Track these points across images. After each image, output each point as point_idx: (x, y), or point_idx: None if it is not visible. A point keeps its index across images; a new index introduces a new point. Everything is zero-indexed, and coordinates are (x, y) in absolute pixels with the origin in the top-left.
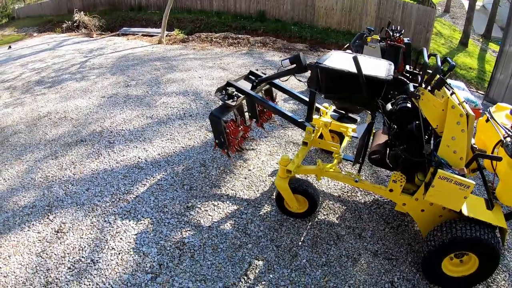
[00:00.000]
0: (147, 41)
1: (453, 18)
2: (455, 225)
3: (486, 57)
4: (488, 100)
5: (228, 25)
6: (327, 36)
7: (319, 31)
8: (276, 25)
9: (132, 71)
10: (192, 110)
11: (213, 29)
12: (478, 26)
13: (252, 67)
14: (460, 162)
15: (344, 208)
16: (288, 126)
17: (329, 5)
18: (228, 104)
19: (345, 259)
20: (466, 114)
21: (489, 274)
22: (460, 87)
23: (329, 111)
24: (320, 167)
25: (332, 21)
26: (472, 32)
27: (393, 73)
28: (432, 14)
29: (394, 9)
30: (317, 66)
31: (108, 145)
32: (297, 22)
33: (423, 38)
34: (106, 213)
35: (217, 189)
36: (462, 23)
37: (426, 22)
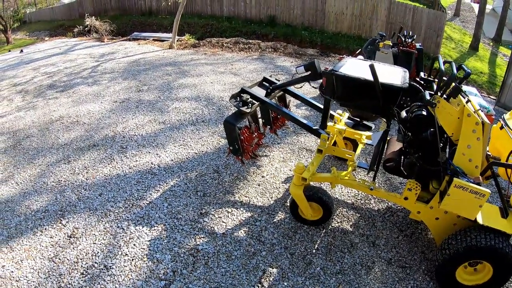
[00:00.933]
0: (158, 46)
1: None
2: (470, 233)
3: (496, 61)
4: (500, 105)
5: (239, 30)
6: (338, 41)
7: (329, 36)
8: (287, 30)
9: (144, 76)
10: (204, 116)
11: (223, 34)
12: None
13: (263, 72)
14: (475, 170)
15: (357, 216)
16: (301, 133)
17: (339, 10)
18: (243, 111)
19: (359, 267)
20: (482, 122)
21: (503, 283)
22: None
23: (344, 118)
24: (335, 174)
25: (343, 26)
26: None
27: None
28: (442, 19)
29: (404, 13)
30: (333, 74)
31: (121, 150)
32: (307, 27)
33: (434, 43)
34: (119, 219)
35: (231, 196)
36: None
37: (436, 27)
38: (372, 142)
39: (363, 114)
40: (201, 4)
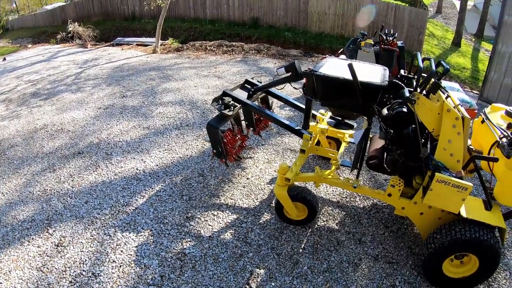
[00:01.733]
0: (141, 50)
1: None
2: (455, 227)
3: (479, 56)
4: (482, 99)
5: (222, 32)
6: (321, 41)
7: (312, 36)
8: (270, 32)
9: (128, 82)
10: (188, 120)
11: (207, 37)
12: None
13: (247, 75)
14: (457, 164)
15: (343, 214)
16: (285, 133)
17: (322, 10)
18: (225, 114)
19: (346, 265)
20: (461, 117)
21: (489, 274)
22: (455, 88)
23: (326, 117)
24: (318, 174)
25: (325, 26)
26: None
27: (388, 77)
28: (424, 16)
29: (386, 12)
30: (313, 74)
31: (106, 157)
32: (290, 28)
33: (416, 41)
34: (105, 226)
35: (216, 199)
36: (454, 23)
37: (418, 24)
38: (354, 140)
39: (344, 113)
40: (184, 8)
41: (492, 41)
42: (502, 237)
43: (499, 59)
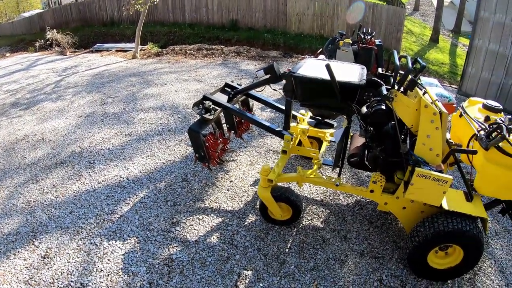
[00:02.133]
0: (121, 56)
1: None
2: (437, 219)
3: (457, 52)
4: (461, 94)
5: (202, 36)
6: (300, 42)
7: (292, 37)
8: (249, 34)
9: (108, 88)
10: (170, 125)
11: (186, 41)
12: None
13: (227, 77)
14: (436, 158)
15: (327, 212)
16: (266, 135)
17: (301, 11)
18: (206, 118)
19: (332, 262)
20: (439, 112)
21: (474, 264)
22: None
23: (306, 118)
24: (300, 174)
25: (304, 26)
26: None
27: (367, 75)
28: (402, 14)
29: (364, 11)
30: (291, 75)
31: (89, 166)
32: (269, 29)
33: (395, 38)
34: (91, 235)
35: (201, 203)
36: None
37: (396, 22)
38: (334, 139)
39: (324, 113)
40: (163, 12)
41: (469, 36)
42: (485, 227)
43: (476, 53)
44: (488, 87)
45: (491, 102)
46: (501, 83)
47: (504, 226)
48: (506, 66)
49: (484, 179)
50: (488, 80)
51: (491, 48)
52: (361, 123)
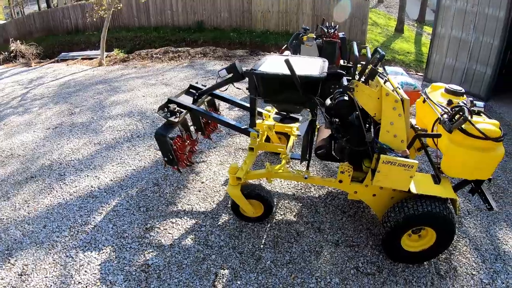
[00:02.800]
0: (87, 64)
1: (387, 7)
2: (407, 204)
3: (422, 40)
4: (427, 81)
5: (168, 39)
6: (266, 39)
7: (258, 35)
8: (215, 34)
9: (75, 98)
10: (139, 131)
11: (153, 45)
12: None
13: (194, 79)
14: (401, 144)
15: (300, 205)
16: (235, 134)
17: (265, 9)
18: (172, 121)
19: (308, 254)
20: (401, 99)
21: (448, 244)
22: (399, 72)
23: (272, 114)
24: (269, 169)
25: (270, 24)
26: (407, 18)
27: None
28: (366, 7)
29: (328, 6)
30: (253, 73)
31: (59, 178)
32: (235, 28)
33: (360, 30)
34: (66, 248)
35: (174, 206)
36: (396, 11)
37: (361, 15)
38: (299, 132)
39: (288, 108)
40: (128, 17)
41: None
42: (455, 207)
43: (439, 41)
44: (453, 72)
45: (453, 86)
46: (465, 68)
47: (476, 205)
48: (469, 51)
49: (450, 161)
50: (452, 66)
51: (454, 35)
52: (324, 116)
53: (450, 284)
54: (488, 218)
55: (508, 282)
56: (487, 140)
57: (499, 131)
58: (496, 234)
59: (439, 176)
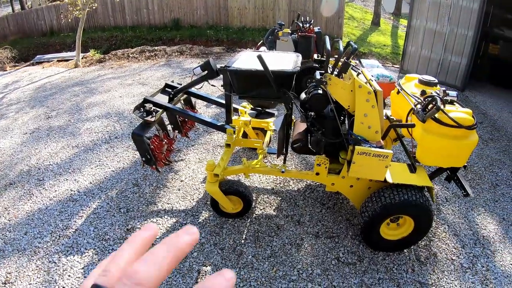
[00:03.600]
0: (63, 66)
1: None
2: (384, 193)
3: (398, 33)
4: (403, 72)
5: (144, 38)
6: (243, 36)
7: (234, 32)
8: (192, 32)
9: (52, 101)
10: (117, 132)
11: (129, 44)
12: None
13: (171, 78)
14: (376, 135)
15: (279, 199)
16: (212, 131)
17: (242, 5)
18: (148, 121)
19: (289, 247)
20: (374, 90)
21: (426, 231)
22: (375, 65)
23: (247, 110)
24: (246, 165)
25: (247, 20)
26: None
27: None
28: (342, 1)
29: (305, 1)
30: (227, 70)
31: (39, 183)
32: (212, 25)
33: (336, 24)
34: (49, 254)
35: (154, 206)
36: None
37: (337, 9)
38: (275, 127)
39: (263, 103)
40: (103, 16)
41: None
42: (432, 195)
43: (415, 33)
44: (429, 64)
45: (426, 76)
46: (440, 59)
47: (454, 192)
48: (444, 43)
49: (424, 150)
50: (428, 58)
51: (429, 27)
52: (299, 110)
53: (431, 269)
54: (466, 204)
55: (488, 266)
56: (460, 128)
57: (472, 119)
58: (474, 219)
59: (415, 165)
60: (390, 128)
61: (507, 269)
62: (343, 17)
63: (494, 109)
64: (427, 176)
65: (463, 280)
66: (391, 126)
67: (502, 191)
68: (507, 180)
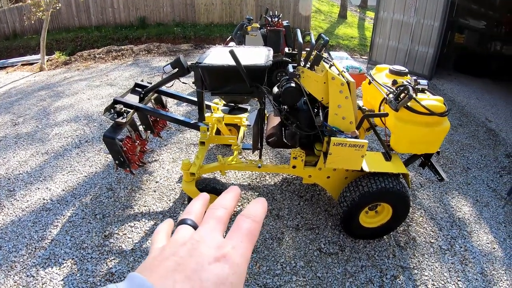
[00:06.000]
0: (28, 70)
1: None
2: (361, 182)
3: (365, 25)
4: (372, 63)
5: (110, 38)
6: (211, 32)
7: (202, 28)
8: (159, 30)
9: (18, 107)
10: (87, 136)
11: (95, 45)
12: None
13: (139, 77)
14: (350, 126)
15: (256, 194)
16: (185, 130)
17: (209, 1)
18: (119, 122)
19: (270, 241)
20: (346, 82)
21: (404, 217)
22: (344, 57)
23: (220, 106)
24: (221, 162)
25: (214, 16)
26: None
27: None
28: None
29: None
30: (198, 66)
31: (9, 194)
32: (179, 22)
33: (304, 18)
34: (26, 267)
35: (130, 210)
36: None
37: (304, 3)
38: (249, 122)
39: (235, 98)
40: (68, 17)
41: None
42: (407, 181)
43: (382, 24)
44: (396, 54)
45: (397, 66)
46: (408, 49)
47: (428, 177)
48: (411, 33)
49: (398, 138)
50: (395, 48)
51: (396, 18)
52: (273, 104)
53: (411, 253)
54: (440, 188)
55: (465, 246)
56: (433, 115)
57: (443, 106)
58: (449, 202)
59: (389, 153)
60: (364, 118)
61: (484, 248)
62: (310, 10)
63: (462, 96)
64: (402, 163)
65: (443, 261)
66: (364, 116)
67: (474, 174)
68: (478, 163)
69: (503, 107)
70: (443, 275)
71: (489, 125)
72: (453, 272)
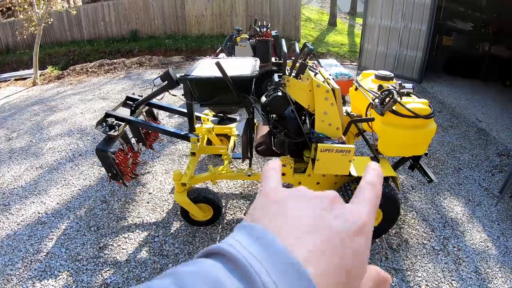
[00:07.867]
0: (21, 85)
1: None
2: (350, 187)
3: (355, 32)
4: (361, 69)
5: (102, 51)
6: (202, 43)
7: (193, 40)
8: (150, 42)
9: (11, 122)
10: (80, 149)
11: (87, 59)
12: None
13: (132, 91)
14: (337, 132)
15: (248, 203)
16: (177, 141)
17: (199, 13)
18: (111, 135)
19: None
20: (332, 89)
21: (395, 219)
22: (333, 64)
23: (210, 117)
24: (212, 172)
25: (205, 28)
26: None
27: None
28: (298, 3)
29: (261, 5)
30: (186, 79)
31: (4, 209)
32: (170, 35)
33: (294, 27)
34: (22, 280)
35: (124, 221)
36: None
37: (293, 12)
38: (238, 132)
39: (224, 109)
40: (60, 31)
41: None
42: (397, 184)
43: (370, 30)
44: (386, 59)
45: (382, 71)
46: (396, 54)
47: (419, 180)
48: (399, 38)
49: (385, 141)
50: (384, 53)
51: (384, 24)
52: (261, 113)
53: (404, 255)
54: (431, 190)
55: (459, 246)
56: (418, 118)
57: (428, 108)
58: (441, 203)
59: (378, 157)
60: (351, 124)
61: (477, 246)
62: (300, 19)
63: (452, 98)
64: (391, 166)
65: (437, 261)
66: (351, 122)
67: (465, 174)
68: (469, 164)
69: (493, 106)
70: (437, 275)
71: (480, 125)
72: (447, 272)
